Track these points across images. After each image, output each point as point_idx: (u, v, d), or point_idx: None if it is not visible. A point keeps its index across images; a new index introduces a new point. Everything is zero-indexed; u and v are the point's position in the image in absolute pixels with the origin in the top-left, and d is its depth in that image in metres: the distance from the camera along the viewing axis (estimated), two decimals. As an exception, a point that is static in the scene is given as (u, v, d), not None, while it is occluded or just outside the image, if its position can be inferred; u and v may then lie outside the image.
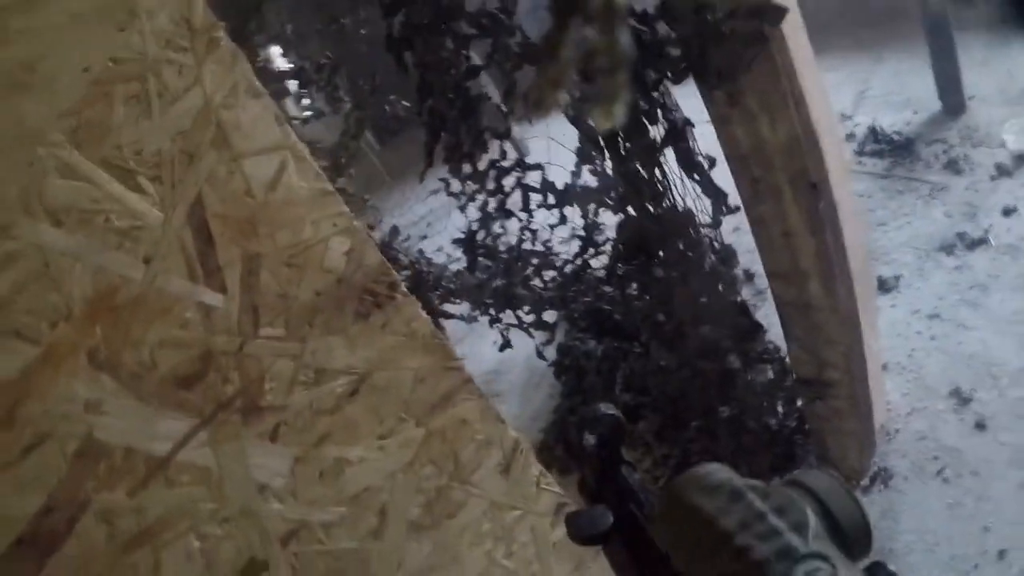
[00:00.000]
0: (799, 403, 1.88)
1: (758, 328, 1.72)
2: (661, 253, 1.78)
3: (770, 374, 1.79)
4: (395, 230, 3.17)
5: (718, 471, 0.69)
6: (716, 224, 1.62)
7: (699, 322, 1.80)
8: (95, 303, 0.66)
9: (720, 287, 1.74)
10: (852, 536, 0.55)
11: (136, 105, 0.66)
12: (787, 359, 1.79)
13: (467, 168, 1.91)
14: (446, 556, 0.95)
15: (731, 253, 1.72)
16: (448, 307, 3.17)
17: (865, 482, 1.86)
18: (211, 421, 0.73)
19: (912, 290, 2.46)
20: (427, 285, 3.21)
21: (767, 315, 1.97)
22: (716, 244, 1.69)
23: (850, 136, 3.40)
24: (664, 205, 1.61)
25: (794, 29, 1.45)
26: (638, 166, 1.61)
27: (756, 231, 1.58)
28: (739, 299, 1.72)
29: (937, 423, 1.95)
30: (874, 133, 3.33)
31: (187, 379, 0.72)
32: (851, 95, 3.73)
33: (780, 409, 1.87)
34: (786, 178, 1.48)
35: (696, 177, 1.64)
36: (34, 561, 0.65)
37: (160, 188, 0.68)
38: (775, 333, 1.79)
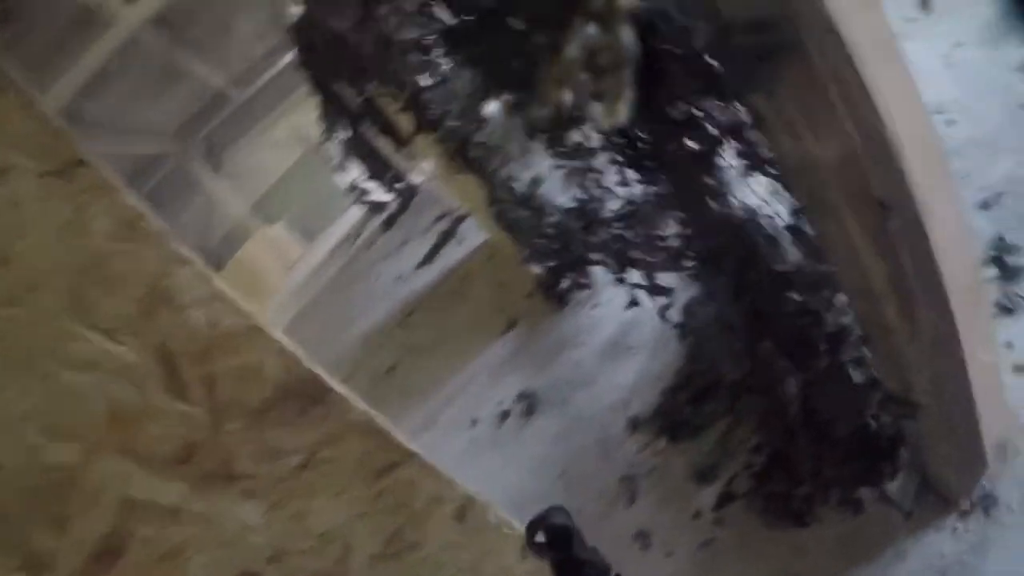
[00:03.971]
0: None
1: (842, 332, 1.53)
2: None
3: (858, 379, 1.59)
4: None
5: None
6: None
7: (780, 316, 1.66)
8: (114, 417, 0.99)
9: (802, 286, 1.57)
10: None
11: (108, 284, 0.93)
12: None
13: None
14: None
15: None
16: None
17: (966, 506, 1.61)
18: (201, 485, 1.05)
19: None
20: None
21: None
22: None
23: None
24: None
25: (860, 7, 1.16)
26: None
27: (822, 244, 1.37)
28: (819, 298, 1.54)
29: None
30: None
31: (181, 458, 1.03)
32: None
33: (871, 420, 1.67)
34: (843, 197, 1.24)
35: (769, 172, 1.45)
36: (110, 563, 1.05)
37: (130, 339, 0.96)
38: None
